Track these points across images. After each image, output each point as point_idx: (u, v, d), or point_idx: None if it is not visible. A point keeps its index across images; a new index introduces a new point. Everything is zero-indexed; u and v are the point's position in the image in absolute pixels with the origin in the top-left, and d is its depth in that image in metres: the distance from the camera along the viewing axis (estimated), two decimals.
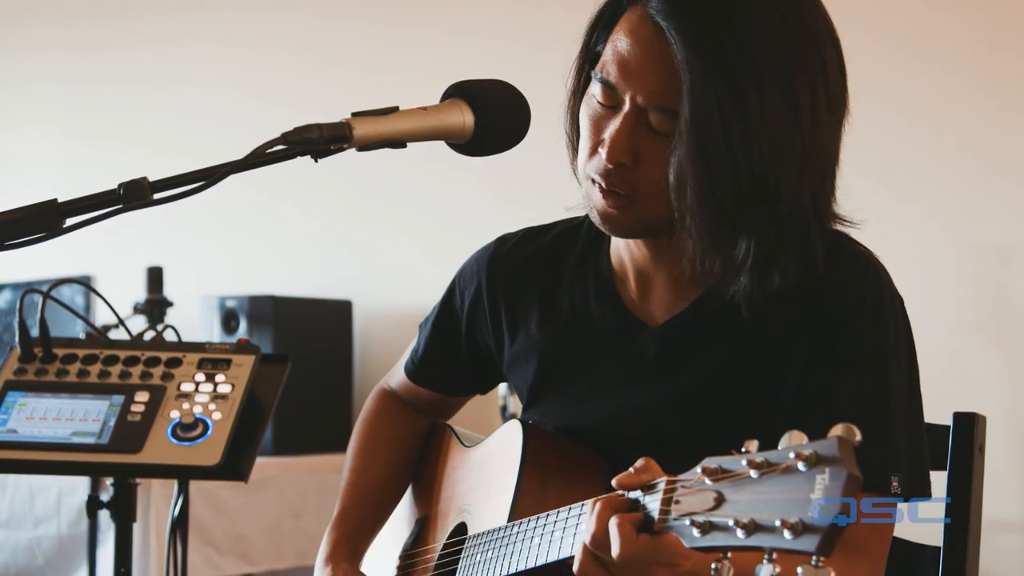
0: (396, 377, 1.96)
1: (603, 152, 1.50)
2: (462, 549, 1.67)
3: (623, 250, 1.65)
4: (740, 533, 1.05)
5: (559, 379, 1.68)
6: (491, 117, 1.38)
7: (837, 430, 1.01)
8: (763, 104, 1.42)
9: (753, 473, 1.06)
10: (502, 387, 3.62)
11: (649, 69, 1.47)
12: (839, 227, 1.56)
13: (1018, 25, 3.33)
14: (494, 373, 1.83)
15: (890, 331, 1.53)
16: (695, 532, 1.10)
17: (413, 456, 1.93)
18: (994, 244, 3.32)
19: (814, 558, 1.00)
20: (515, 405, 3.61)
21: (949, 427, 1.68)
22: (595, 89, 1.53)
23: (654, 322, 1.62)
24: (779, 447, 1.05)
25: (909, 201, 3.37)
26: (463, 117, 1.36)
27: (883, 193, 3.29)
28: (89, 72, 5.23)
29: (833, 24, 1.51)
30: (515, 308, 1.74)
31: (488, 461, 1.74)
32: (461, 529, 1.73)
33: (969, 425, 1.67)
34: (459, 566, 1.66)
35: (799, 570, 1.01)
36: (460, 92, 1.39)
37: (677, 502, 1.16)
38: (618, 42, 1.50)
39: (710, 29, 1.43)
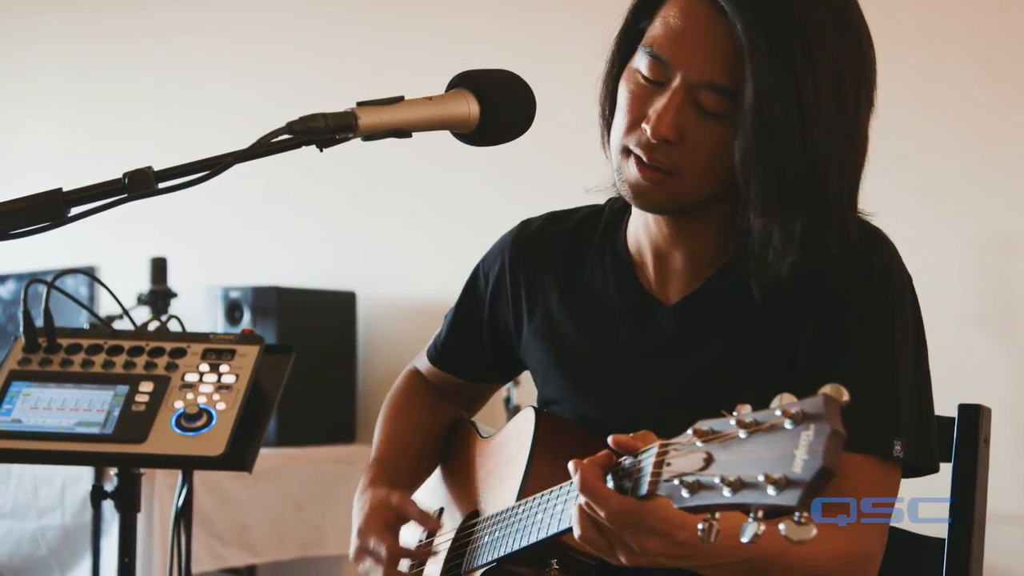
0: (422, 361, 1.99)
1: (648, 127, 1.50)
2: (473, 533, 1.68)
3: (641, 232, 1.67)
4: (727, 491, 1.06)
5: (576, 357, 1.70)
6: (496, 107, 1.38)
7: (825, 389, 1.02)
8: (816, 89, 1.46)
9: (742, 433, 1.07)
10: None
11: (706, 46, 1.48)
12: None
13: (1022, 19, 3.32)
14: (514, 359, 1.84)
15: (896, 301, 1.56)
16: (684, 492, 1.11)
17: (442, 430, 1.95)
18: (997, 237, 3.32)
19: (796, 513, 1.01)
20: (518, 397, 3.61)
21: (954, 419, 1.68)
22: (641, 63, 1.54)
23: (670, 302, 1.65)
24: (770, 407, 1.06)
25: (912, 194, 3.36)
26: (468, 107, 1.36)
27: (886, 187, 3.27)
28: (93, 63, 5.23)
29: (868, 26, 1.55)
30: (535, 287, 1.77)
31: (501, 448, 1.76)
32: (475, 516, 1.74)
33: (974, 417, 1.68)
34: (468, 549, 1.67)
35: (781, 527, 1.02)
36: (465, 82, 1.39)
37: (668, 464, 1.17)
38: (671, 18, 1.51)
39: (768, 11, 1.46)
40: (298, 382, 2.23)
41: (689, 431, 1.14)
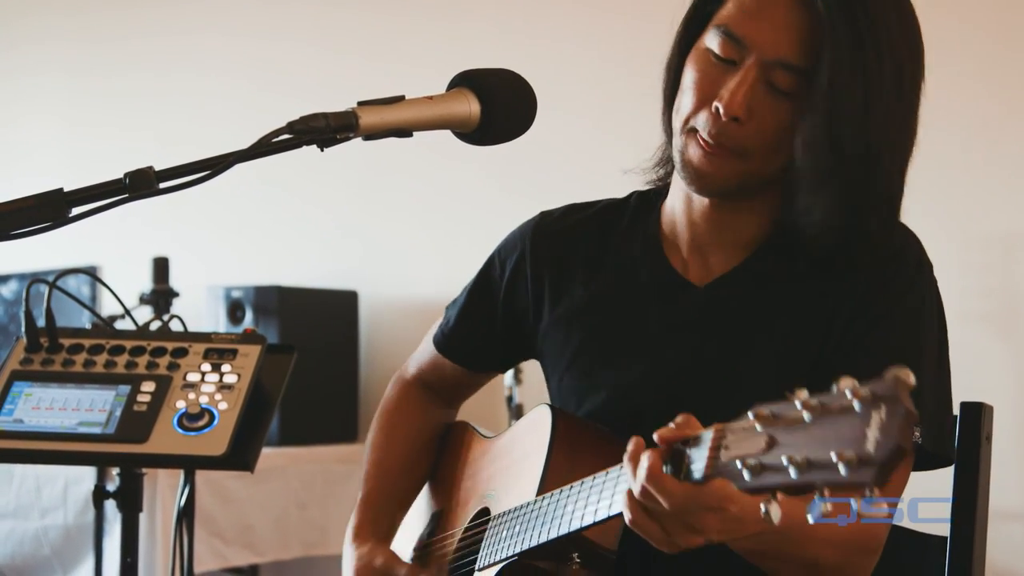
0: (417, 359, 1.98)
1: (720, 105, 1.52)
2: (485, 530, 1.68)
3: (680, 214, 1.68)
4: (793, 472, 1.04)
5: (604, 340, 1.71)
6: (497, 106, 1.38)
7: (893, 371, 1.01)
8: (882, 72, 1.50)
9: (807, 416, 1.06)
10: (507, 377, 3.62)
11: (782, 25, 1.51)
12: None
13: (1022, 19, 3.32)
14: (523, 347, 1.84)
15: (926, 296, 1.60)
16: (746, 474, 1.10)
17: (433, 444, 1.95)
18: (998, 235, 3.31)
19: (868, 491, 1.00)
20: (521, 395, 3.61)
21: (956, 417, 1.68)
22: (712, 43, 1.55)
23: (701, 284, 1.66)
24: (833, 391, 1.05)
25: (913, 192, 3.34)
26: (469, 106, 1.37)
27: None
28: (93, 62, 5.23)
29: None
30: (560, 274, 1.77)
31: (513, 447, 1.75)
32: (484, 514, 1.73)
33: (976, 414, 1.68)
34: (482, 545, 1.66)
35: (852, 504, 1.01)
36: (466, 81, 1.39)
37: (727, 448, 1.16)
38: None
39: None
40: (300, 381, 2.23)
41: (749, 414, 1.13)
